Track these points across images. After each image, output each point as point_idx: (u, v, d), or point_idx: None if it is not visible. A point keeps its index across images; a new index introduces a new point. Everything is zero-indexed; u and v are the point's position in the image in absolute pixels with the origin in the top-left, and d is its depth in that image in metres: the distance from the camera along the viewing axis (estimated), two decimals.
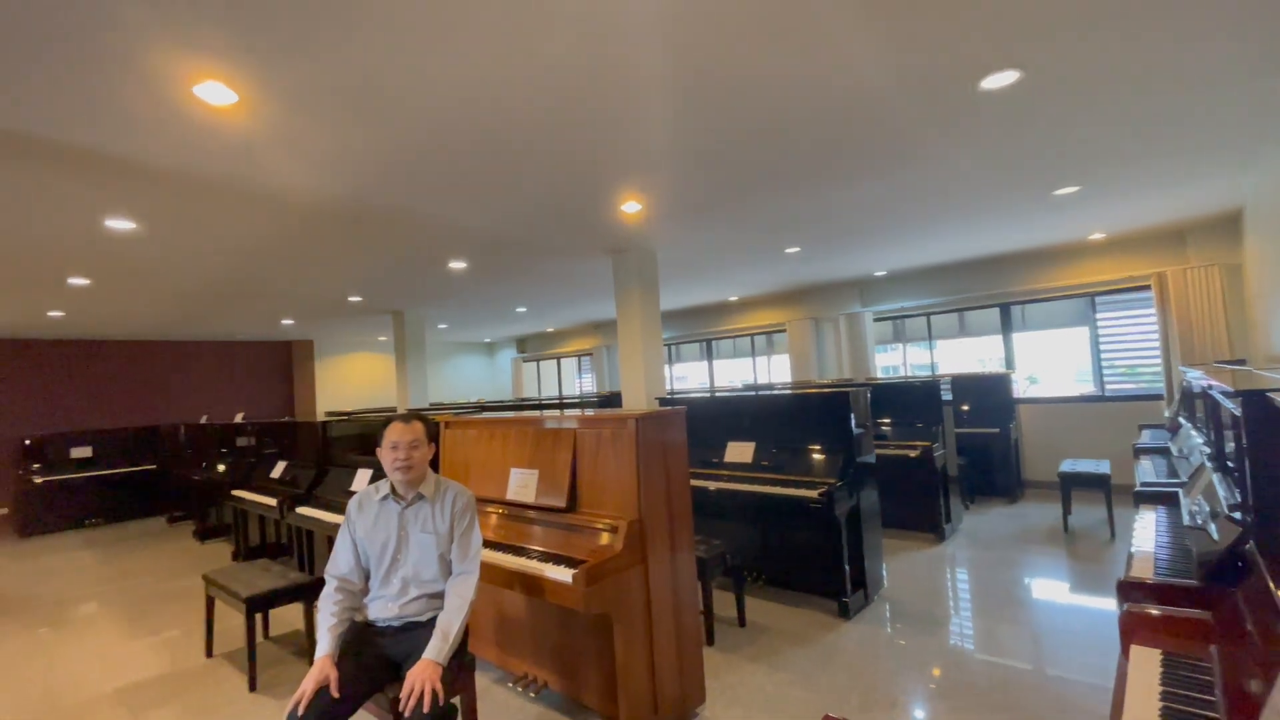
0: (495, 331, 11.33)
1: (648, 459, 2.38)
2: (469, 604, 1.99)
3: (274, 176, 3.01)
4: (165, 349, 9.28)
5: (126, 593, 4.73)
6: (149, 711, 2.82)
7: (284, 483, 4.80)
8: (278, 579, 3.19)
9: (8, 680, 3.25)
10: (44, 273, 4.67)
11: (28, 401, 8.07)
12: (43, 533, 7.31)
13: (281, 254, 4.56)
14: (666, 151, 2.99)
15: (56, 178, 2.86)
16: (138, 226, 3.67)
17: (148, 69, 2.01)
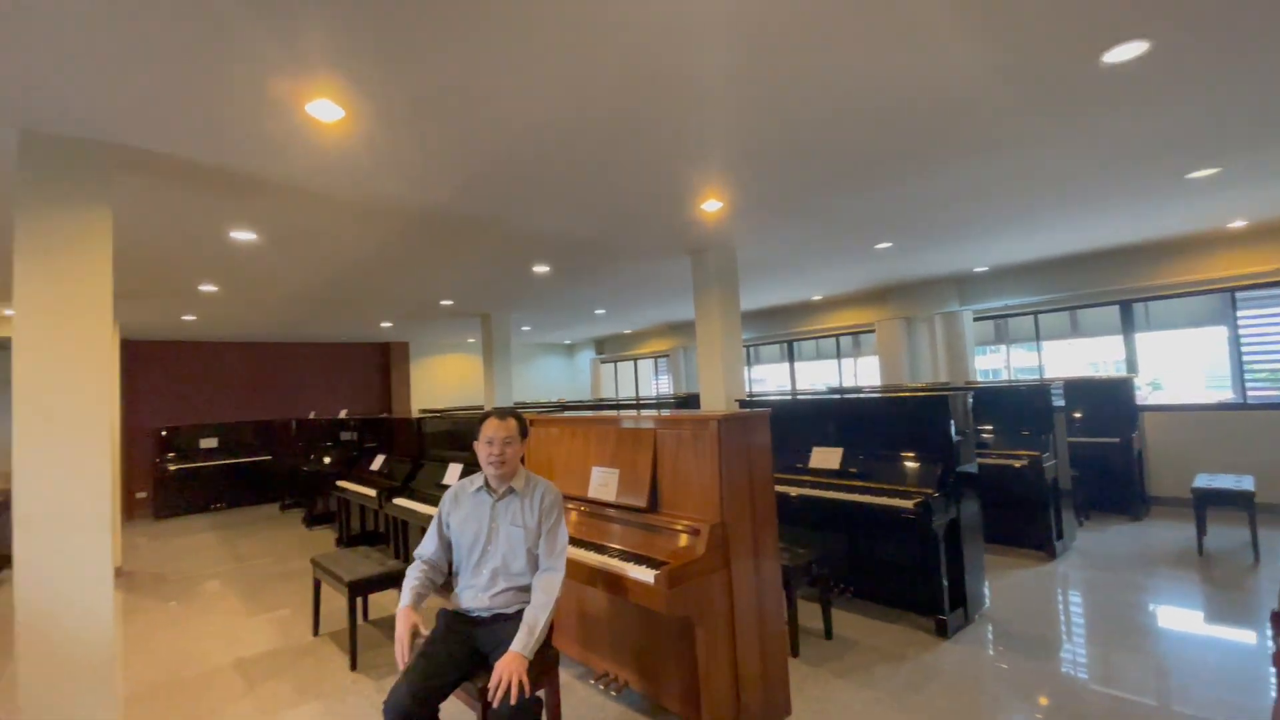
0: (575, 333, 11.57)
1: (730, 462, 2.32)
2: (554, 600, 2.02)
3: (376, 188, 3.19)
4: (279, 350, 10.12)
5: (244, 573, 5.17)
6: (263, 684, 3.06)
7: (382, 475, 5.09)
8: (376, 565, 3.38)
9: (144, 648, 3.63)
10: (180, 280, 5.19)
11: (163, 396, 9.02)
12: (175, 515, 8.15)
13: (383, 261, 4.85)
14: (750, 148, 2.92)
15: (191, 194, 3.16)
16: (258, 237, 4.01)
17: (269, 92, 2.18)
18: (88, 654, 2.34)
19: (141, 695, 3.00)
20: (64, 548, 2.33)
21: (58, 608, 2.31)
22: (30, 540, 2.28)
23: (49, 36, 1.82)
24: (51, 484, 2.33)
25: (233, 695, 2.95)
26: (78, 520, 2.36)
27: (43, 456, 2.32)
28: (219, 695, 2.96)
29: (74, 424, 2.38)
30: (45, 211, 2.40)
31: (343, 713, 2.73)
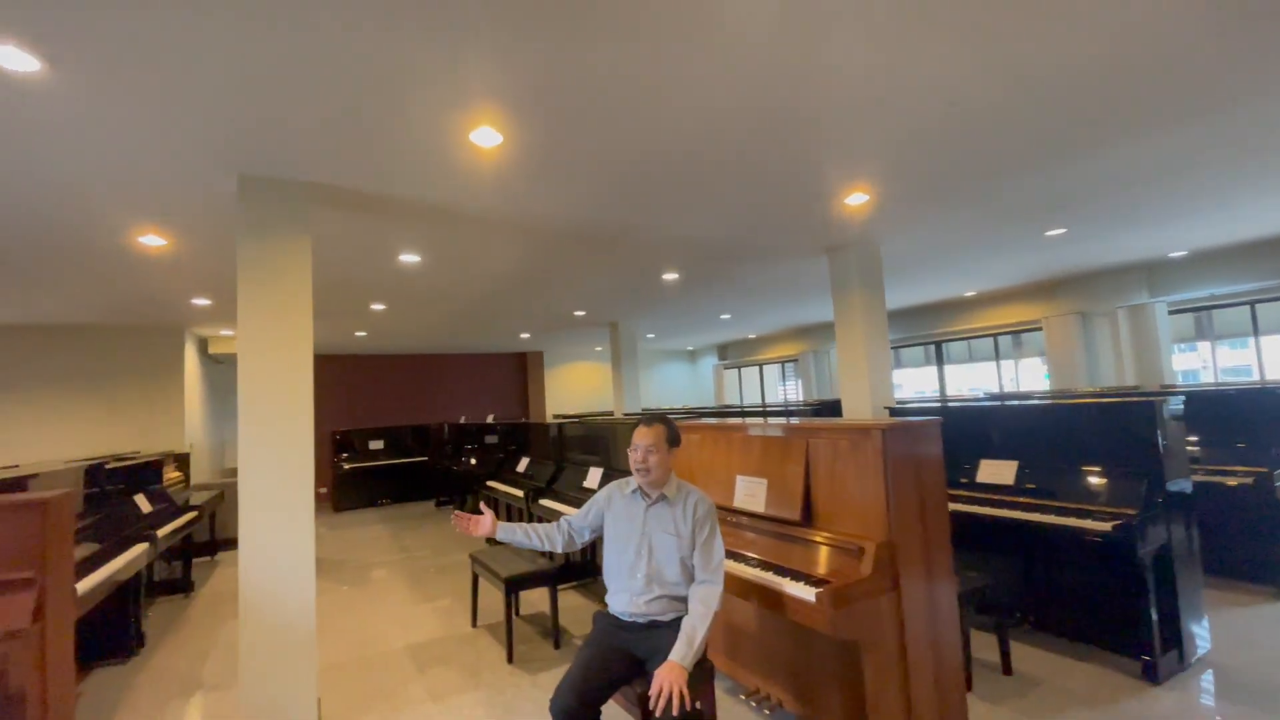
0: (698, 339, 11.55)
1: (898, 475, 2.15)
2: (714, 612, 1.98)
3: (525, 207, 3.37)
4: (432, 361, 11.10)
5: (408, 563, 5.68)
6: (431, 669, 3.31)
7: (527, 477, 5.37)
8: (528, 564, 3.55)
9: (329, 628, 4.08)
10: (355, 300, 5.85)
11: (338, 403, 10.23)
12: (349, 508, 9.17)
13: (526, 276, 5.13)
14: (904, 134, 2.71)
15: (369, 222, 3.54)
16: (421, 259, 4.41)
17: (439, 126, 2.37)
18: (293, 629, 2.67)
19: (330, 669, 3.38)
20: (277, 535, 2.68)
21: (272, 587, 2.65)
22: (252, 528, 2.65)
23: (262, 103, 2.11)
24: (268, 480, 2.69)
25: (406, 677, 3.22)
26: (288, 512, 2.70)
27: (261, 456, 2.69)
28: (395, 676, 3.25)
29: (284, 428, 2.73)
30: (259, 244, 2.79)
31: (503, 703, 2.88)
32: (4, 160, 2.48)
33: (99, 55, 1.84)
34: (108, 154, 2.48)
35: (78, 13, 1.65)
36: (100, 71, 1.93)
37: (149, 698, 3.14)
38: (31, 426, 6.22)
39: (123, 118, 2.21)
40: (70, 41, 1.77)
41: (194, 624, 4.28)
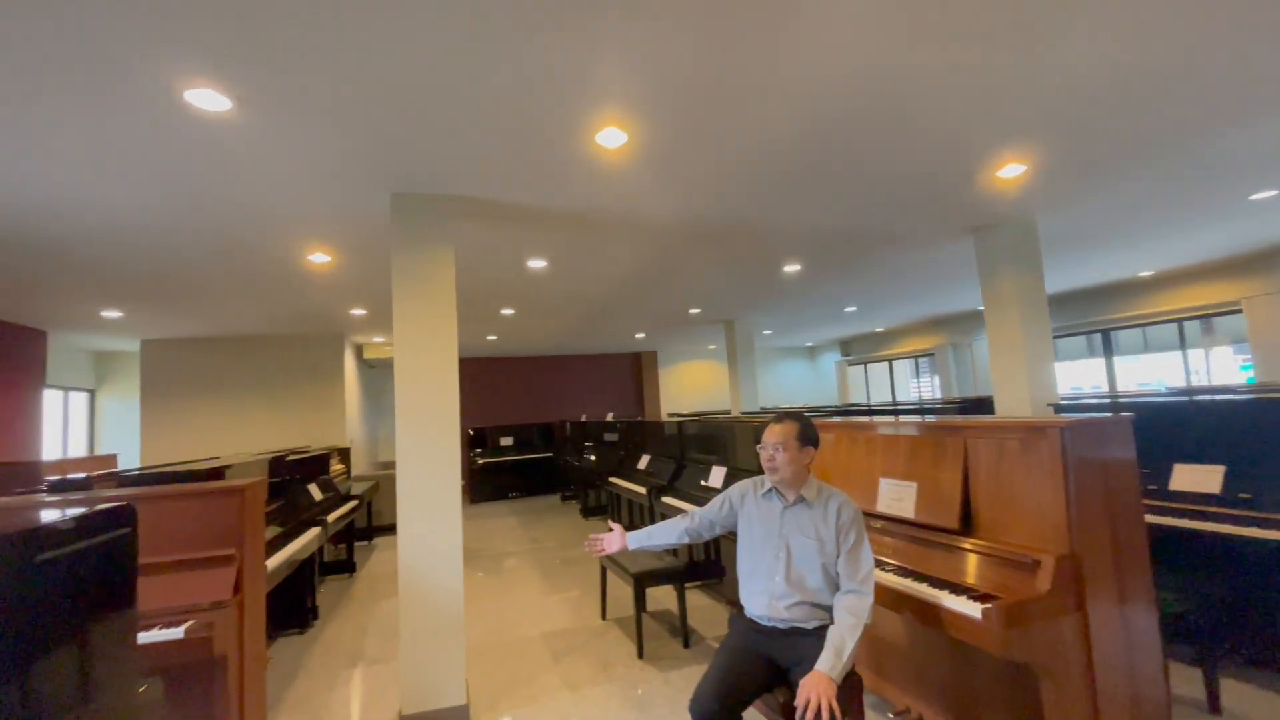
0: (818, 335, 11.07)
1: (1081, 480, 1.88)
2: (863, 625, 1.84)
3: (645, 206, 3.37)
4: (555, 361, 11.59)
5: (537, 554, 5.93)
6: (565, 658, 3.41)
7: (649, 474, 5.41)
8: (655, 561, 3.55)
9: (469, 613, 4.34)
10: (487, 306, 6.22)
11: (472, 402, 10.96)
12: (483, 500, 9.78)
13: (643, 276, 5.17)
14: (1073, 90, 2.38)
15: (500, 231, 3.72)
16: (547, 264, 4.57)
17: (567, 130, 2.42)
18: (444, 613, 2.85)
19: (474, 652, 3.58)
20: (430, 525, 2.88)
21: (426, 573, 2.85)
22: (409, 516, 2.86)
23: (410, 125, 2.26)
24: (421, 473, 2.89)
25: (542, 665, 3.34)
26: (439, 503, 2.90)
27: (416, 451, 2.90)
28: (531, 663, 3.38)
29: (435, 425, 2.93)
30: (409, 255, 3.01)
31: (636, 699, 2.89)
32: (202, 190, 2.87)
33: (276, 94, 2.06)
34: (283, 180, 2.79)
35: (261, 60, 1.85)
36: (277, 108, 2.16)
37: (322, 666, 3.51)
38: (223, 424, 7.24)
39: (295, 147, 2.47)
40: (254, 83, 2.00)
41: (357, 601, 4.74)
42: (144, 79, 1.94)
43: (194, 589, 2.32)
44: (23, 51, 1.78)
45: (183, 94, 2.05)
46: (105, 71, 1.89)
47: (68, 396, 7.62)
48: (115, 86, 1.98)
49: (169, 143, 2.37)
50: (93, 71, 1.89)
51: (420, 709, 2.75)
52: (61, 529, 1.17)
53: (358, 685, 3.22)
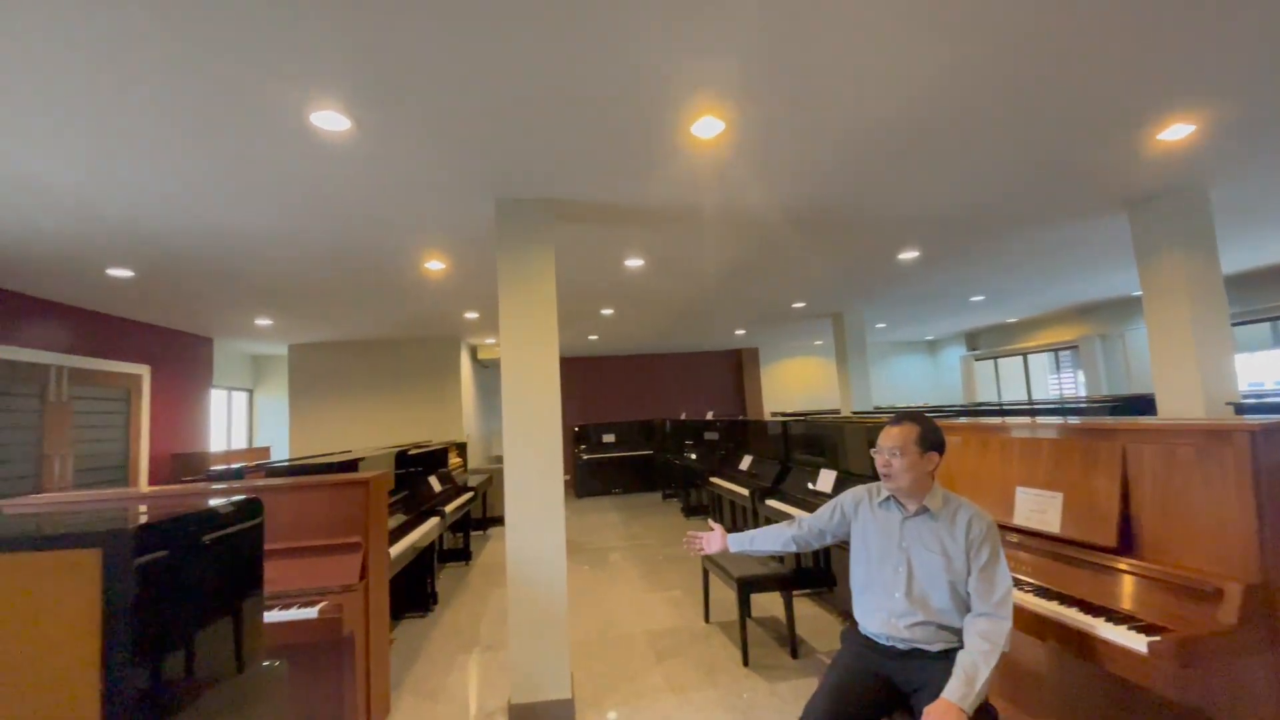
0: (940, 327, 10.27)
1: (1275, 494, 1.56)
2: (999, 652, 1.64)
3: (743, 197, 3.26)
4: (654, 360, 11.65)
5: (639, 551, 5.96)
6: (668, 659, 3.38)
7: (751, 475, 5.27)
8: (760, 565, 3.43)
9: (572, 606, 4.42)
10: (587, 306, 6.34)
11: (575, 400, 11.27)
12: (588, 495, 10.02)
13: (742, 270, 5.03)
14: (1256, 32, 1.98)
15: (598, 231, 3.75)
16: (644, 263, 4.57)
17: (664, 122, 2.37)
18: (549, 605, 2.90)
19: (579, 645, 3.64)
20: (535, 518, 2.95)
21: (532, 565, 2.92)
22: (515, 510, 2.95)
23: (513, 132, 2.31)
24: (526, 468, 2.97)
25: (646, 664, 3.33)
26: (542, 497, 2.96)
27: (521, 447, 2.98)
28: (635, 661, 3.37)
29: (538, 422, 3.00)
30: (513, 258, 3.10)
31: (742, 707, 2.80)
32: (328, 207, 3.12)
33: (391, 113, 2.19)
34: (398, 192, 2.98)
35: (377, 79, 1.96)
36: (391, 124, 2.29)
37: (441, 648, 3.71)
38: (356, 419, 7.93)
39: (407, 160, 2.61)
40: (371, 104, 2.13)
41: (473, 589, 5.00)
42: (275, 106, 2.13)
43: (326, 573, 2.52)
44: (179, 97, 2.00)
45: (309, 117, 2.22)
46: (243, 106, 2.09)
47: (231, 395, 8.70)
48: (251, 117, 2.18)
49: (298, 165, 2.60)
50: (233, 108, 2.10)
51: (528, 699, 2.82)
52: (221, 514, 1.28)
53: (472, 671, 3.38)
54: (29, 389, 4.62)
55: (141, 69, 1.87)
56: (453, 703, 3.00)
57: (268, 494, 2.62)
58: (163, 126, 2.23)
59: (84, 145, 2.34)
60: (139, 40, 1.74)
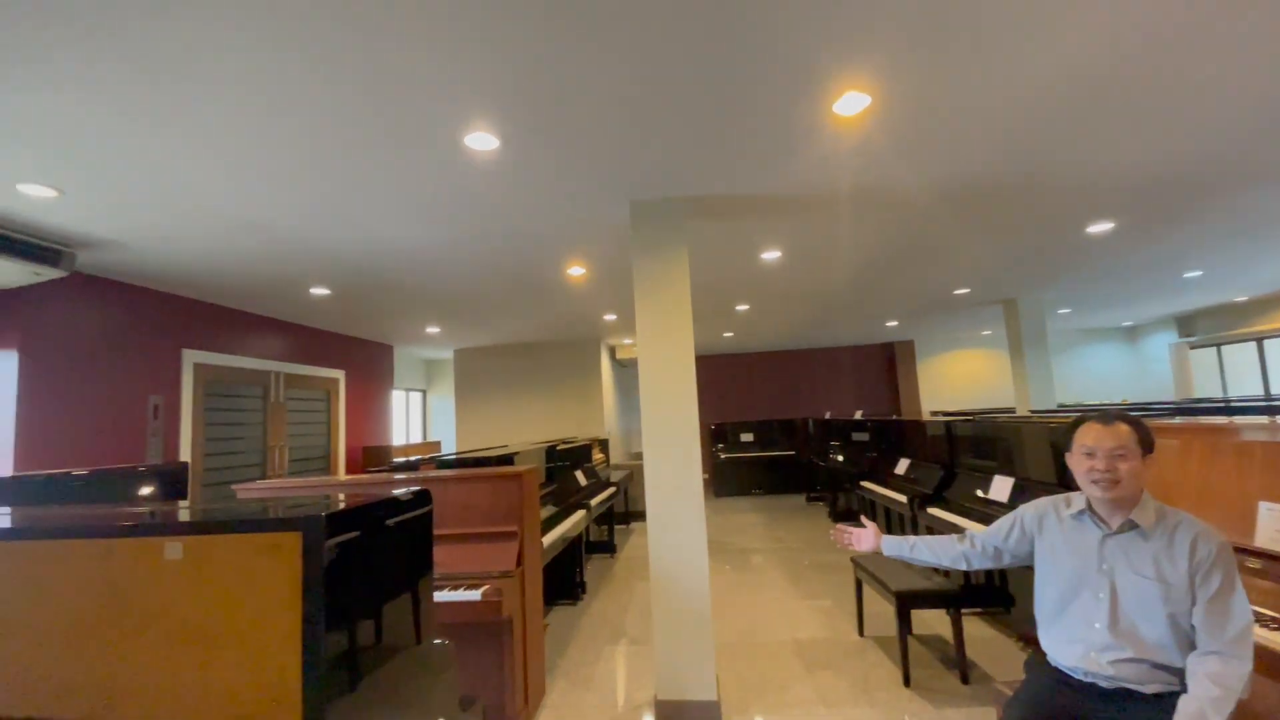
0: (1142, 310, 8.75)
1: None
2: (1234, 699, 1.33)
3: (892, 177, 3.00)
4: (794, 356, 11.23)
5: (783, 554, 5.75)
6: (819, 671, 3.20)
7: (909, 480, 4.85)
8: (922, 579, 3.14)
9: (716, 607, 4.35)
10: (721, 302, 6.25)
11: (711, 399, 11.20)
12: (726, 495, 9.90)
13: (892, 257, 4.66)
14: None
15: (732, 225, 3.66)
16: (781, 255, 4.39)
17: (803, 104, 2.24)
18: (693, 605, 2.88)
19: (723, 648, 3.58)
20: (675, 515, 2.95)
21: (674, 564, 2.92)
22: (656, 506, 2.97)
23: (646, 135, 2.32)
24: (666, 465, 2.98)
25: (794, 674, 3.19)
26: (681, 495, 2.95)
27: (660, 444, 3.00)
28: (783, 670, 3.24)
29: (676, 421, 3.00)
30: (648, 259, 3.13)
31: None
32: (480, 222, 3.36)
33: (534, 129, 2.29)
34: (541, 203, 3.13)
35: (524, 101, 2.07)
36: (534, 141, 2.40)
37: (590, 637, 3.86)
38: (511, 416, 8.54)
39: (548, 172, 2.73)
40: (517, 122, 2.25)
41: (618, 580, 5.15)
42: (437, 133, 2.33)
43: (486, 558, 2.72)
44: (364, 139, 2.26)
45: (463, 139, 2.40)
46: (411, 137, 2.31)
47: (408, 396, 9.79)
48: (417, 147, 2.41)
49: (453, 184, 2.82)
50: (403, 141, 2.32)
51: (674, 697, 2.83)
52: (400, 502, 1.42)
53: (620, 662, 3.46)
54: (255, 391, 5.55)
55: (333, 126, 2.14)
56: (602, 692, 3.10)
57: (437, 484, 2.88)
58: (350, 164, 2.54)
59: (295, 189, 2.74)
60: (336, 108, 1.99)
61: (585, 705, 2.97)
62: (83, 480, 2.90)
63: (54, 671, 1.05)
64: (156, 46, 1.75)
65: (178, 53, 1.78)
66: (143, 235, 3.32)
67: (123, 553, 1.06)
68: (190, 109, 2.09)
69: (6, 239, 3.06)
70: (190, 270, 4.04)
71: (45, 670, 1.05)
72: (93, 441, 3.97)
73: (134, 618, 1.05)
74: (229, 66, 1.86)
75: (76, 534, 1.08)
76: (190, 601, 1.04)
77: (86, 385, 3.96)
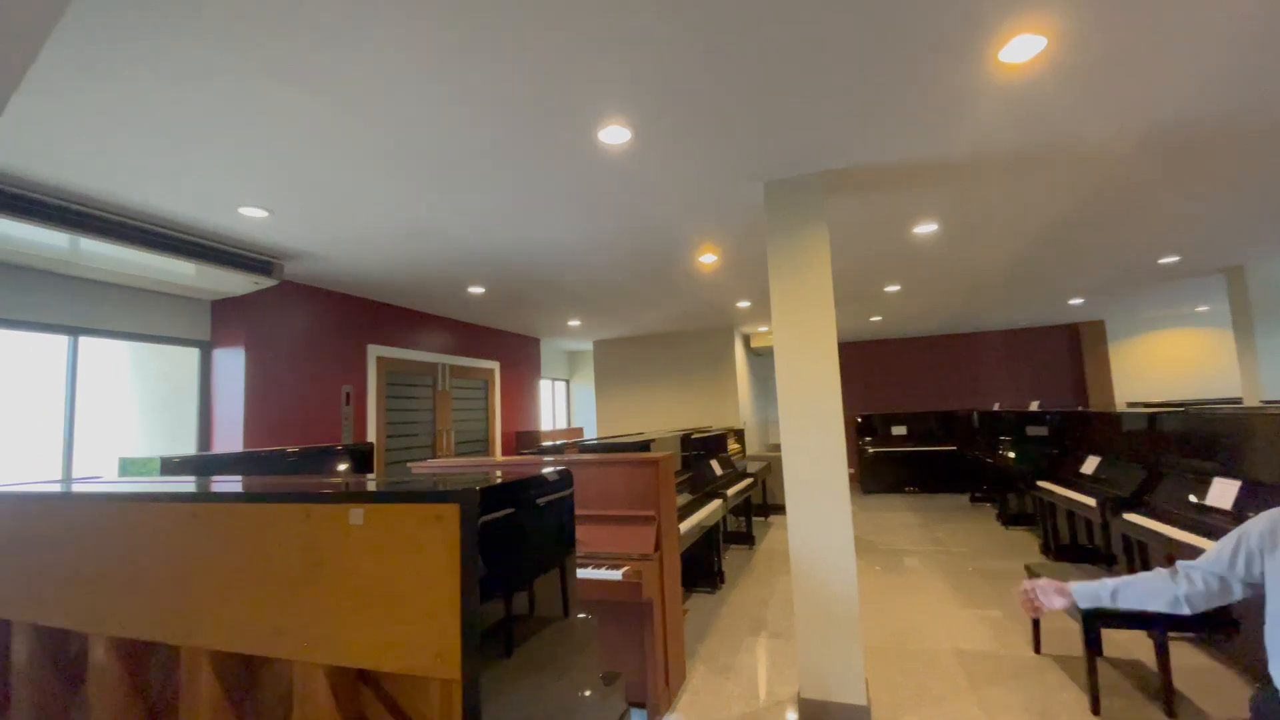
0: None
1: None
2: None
3: (1073, 129, 2.58)
4: (954, 341, 10.23)
5: (941, 558, 5.27)
6: (986, 688, 2.90)
7: (1098, 480, 4.22)
8: None
9: (865, 609, 4.10)
10: (867, 284, 5.84)
11: (856, 388, 10.56)
12: (875, 492, 9.30)
13: (1075, 224, 4.04)
14: None
15: (880, 199, 3.40)
16: (939, 227, 4.00)
17: (963, 55, 2.01)
18: (838, 605, 2.74)
19: (875, 652, 3.36)
20: (817, 511, 2.82)
21: (816, 560, 2.79)
22: (796, 501, 2.86)
23: (780, 111, 2.21)
24: (806, 458, 2.85)
25: (955, 687, 2.91)
26: (825, 491, 2.81)
27: (799, 436, 2.87)
28: (942, 682, 2.98)
29: (816, 412, 2.85)
30: (784, 242, 3.00)
31: None
32: (617, 213, 3.43)
33: (664, 117, 2.29)
34: (672, 191, 3.12)
35: (655, 92, 2.07)
36: (664, 129, 2.39)
37: (729, 626, 3.82)
38: (646, 405, 8.71)
39: (680, 159, 2.71)
40: (648, 112, 2.26)
41: (757, 572, 5.05)
42: (575, 132, 2.41)
43: (626, 540, 2.79)
44: (510, 145, 2.40)
45: (598, 135, 2.46)
46: (551, 139, 2.42)
47: (553, 385, 10.38)
48: (557, 147, 2.51)
49: (589, 180, 2.91)
50: (544, 143, 2.44)
51: (818, 696, 2.71)
52: (547, 481, 1.49)
53: (761, 655, 3.40)
54: (425, 381, 6.19)
55: (488, 137, 2.30)
56: (742, 683, 3.06)
57: (580, 467, 3.01)
58: (500, 170, 2.72)
59: (458, 197, 3.00)
60: (489, 121, 2.14)
61: (725, 693, 2.95)
62: (294, 456, 3.43)
63: (265, 616, 1.24)
64: (348, 80, 1.99)
65: (365, 86, 2.01)
66: (334, 246, 3.82)
67: (318, 517, 1.22)
68: (372, 135, 2.35)
69: (235, 255, 3.69)
70: (372, 276, 4.60)
71: (258, 614, 1.24)
72: (300, 424, 4.68)
73: (326, 573, 1.20)
74: (399, 95, 2.07)
75: (283, 499, 1.26)
76: (370, 562, 1.18)
77: (293, 377, 4.66)
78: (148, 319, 4.09)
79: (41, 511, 1.53)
